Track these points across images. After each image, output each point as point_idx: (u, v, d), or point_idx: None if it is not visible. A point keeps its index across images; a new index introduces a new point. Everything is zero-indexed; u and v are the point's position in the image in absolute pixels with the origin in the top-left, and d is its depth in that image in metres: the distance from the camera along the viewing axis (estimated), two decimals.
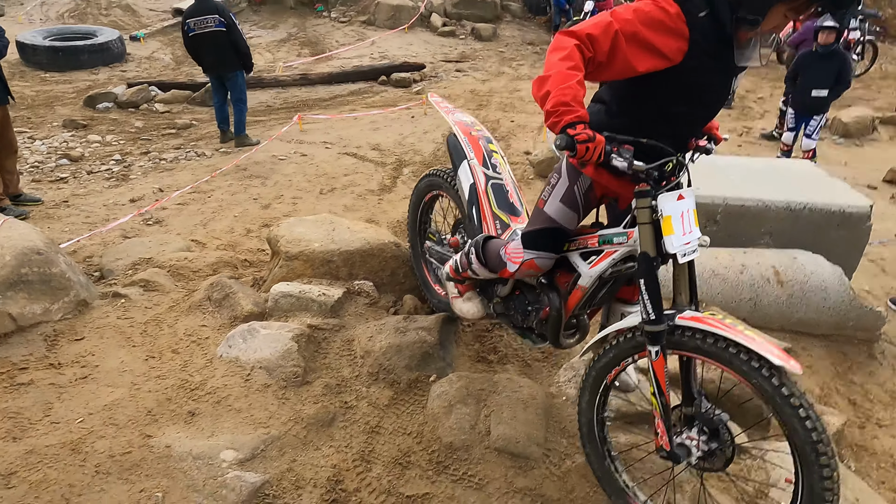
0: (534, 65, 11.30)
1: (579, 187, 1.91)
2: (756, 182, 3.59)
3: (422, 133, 7.42)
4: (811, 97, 5.80)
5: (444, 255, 2.73)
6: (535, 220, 2.00)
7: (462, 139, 2.54)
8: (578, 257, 1.94)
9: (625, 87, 1.76)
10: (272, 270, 3.23)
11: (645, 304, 1.69)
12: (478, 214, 2.40)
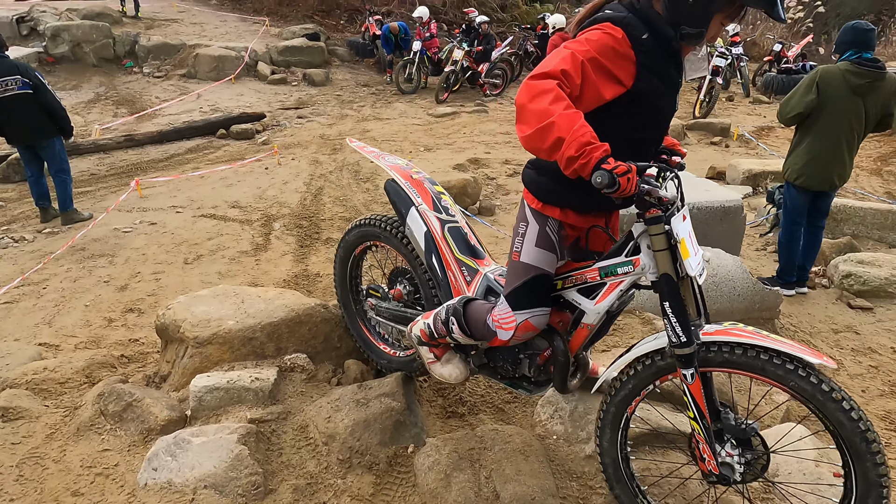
0: (374, 105, 11.34)
1: (550, 228, 1.81)
2: None
3: (281, 184, 6.97)
4: None
5: (396, 311, 2.48)
6: (514, 275, 1.84)
7: (403, 184, 2.34)
8: (577, 294, 1.83)
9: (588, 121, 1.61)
10: (176, 362, 2.70)
11: (674, 327, 1.62)
12: (440, 263, 2.20)
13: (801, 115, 3.94)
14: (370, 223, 2.48)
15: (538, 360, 1.96)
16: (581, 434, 2.27)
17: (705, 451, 1.69)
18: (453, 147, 8.57)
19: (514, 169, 7.59)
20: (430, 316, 2.14)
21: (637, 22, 1.58)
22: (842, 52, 3.93)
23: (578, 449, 2.23)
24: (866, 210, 5.08)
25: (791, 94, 4.06)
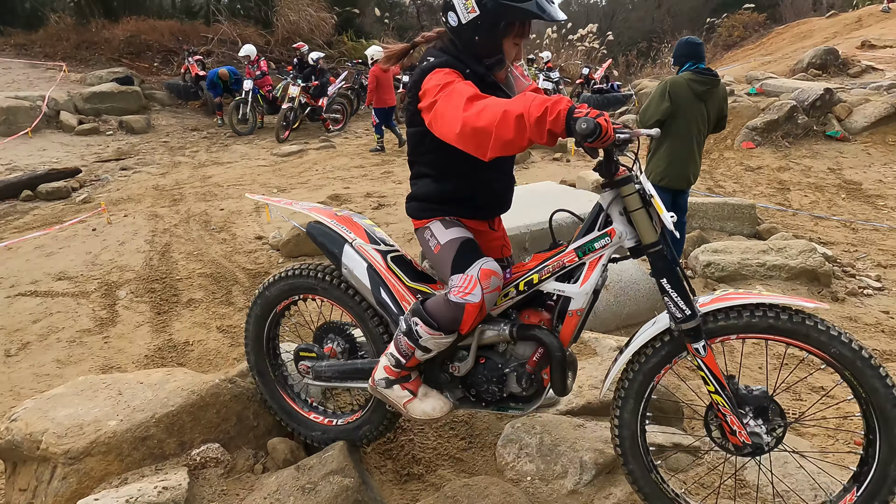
0: (209, 149, 10.48)
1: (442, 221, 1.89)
2: (535, 206, 3.86)
3: (117, 245, 6.04)
4: None
5: (344, 367, 2.13)
6: (445, 257, 1.83)
7: (330, 223, 2.06)
8: (557, 283, 1.76)
9: (451, 149, 1.66)
10: (39, 490, 2.06)
11: (675, 302, 1.60)
12: (391, 297, 1.94)
13: (660, 122, 4.28)
14: (301, 274, 2.12)
15: (527, 369, 1.83)
16: (556, 468, 2.11)
17: (734, 423, 1.65)
18: (308, 185, 8.16)
19: (378, 202, 7.40)
20: (388, 348, 1.90)
21: (455, 62, 1.72)
22: (681, 63, 4.38)
23: (558, 486, 2.06)
24: (707, 205, 5.69)
25: (647, 104, 4.42)
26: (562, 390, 1.82)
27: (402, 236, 6.21)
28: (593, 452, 2.10)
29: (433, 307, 1.80)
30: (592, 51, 24.58)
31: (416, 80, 1.74)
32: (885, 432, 1.56)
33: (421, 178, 1.94)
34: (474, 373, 1.89)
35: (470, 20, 1.68)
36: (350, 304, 2.05)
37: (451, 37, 1.78)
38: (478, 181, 1.88)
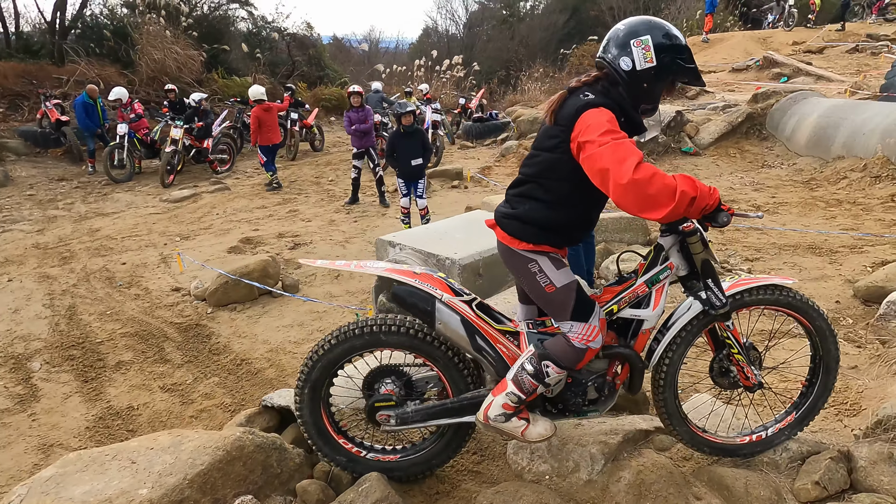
0: (86, 200, 9.69)
1: (551, 256, 2.10)
2: (479, 234, 4.18)
3: (10, 313, 5.48)
4: (411, 166, 7.03)
5: (433, 409, 2.29)
6: (562, 301, 2.06)
7: (415, 282, 2.20)
8: (631, 309, 2.15)
9: (585, 184, 1.94)
10: None
11: (717, 296, 2.10)
12: (487, 342, 2.19)
13: None
14: (365, 330, 2.23)
15: (606, 379, 2.21)
16: (569, 464, 2.40)
17: (749, 373, 2.27)
18: (213, 231, 7.88)
19: (293, 241, 7.36)
20: (505, 386, 2.12)
21: (616, 108, 1.94)
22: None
23: (575, 479, 2.35)
24: (607, 220, 6.37)
25: None
26: (637, 390, 2.25)
27: (328, 273, 6.25)
28: (599, 444, 2.42)
29: (559, 352, 2.08)
30: (460, 81, 25.89)
31: (573, 112, 1.91)
32: (823, 380, 2.30)
33: (530, 200, 2.07)
34: (563, 391, 2.21)
35: (645, 68, 1.92)
36: (437, 354, 2.25)
37: (616, 80, 1.97)
38: (584, 213, 2.12)
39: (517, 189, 2.16)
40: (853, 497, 2.08)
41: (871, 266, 5.53)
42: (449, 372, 2.28)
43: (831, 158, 8.84)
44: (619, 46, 1.97)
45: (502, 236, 2.15)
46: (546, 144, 2.04)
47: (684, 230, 2.06)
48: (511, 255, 2.13)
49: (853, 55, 16.08)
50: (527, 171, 2.14)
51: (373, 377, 2.33)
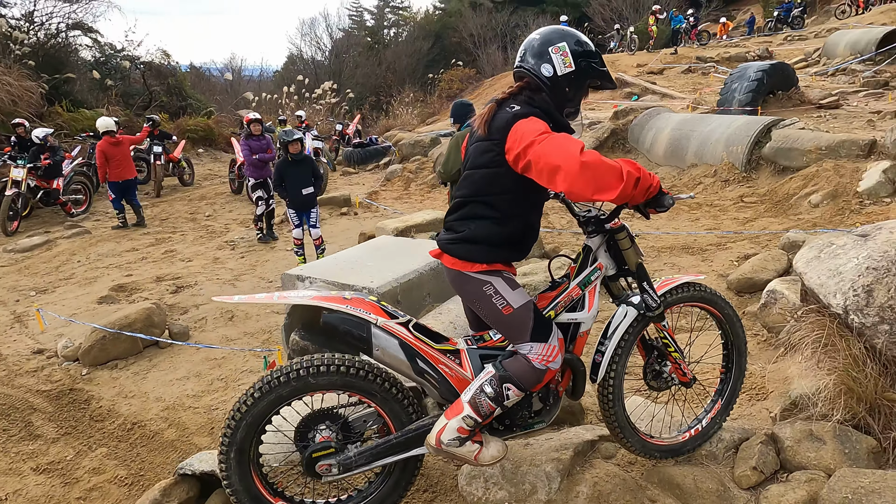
0: None
1: (505, 275, 2.07)
2: (390, 260, 4.08)
3: None
4: (302, 195, 6.75)
5: (378, 448, 2.12)
6: (521, 321, 2.02)
7: (344, 308, 2.04)
8: (568, 313, 2.14)
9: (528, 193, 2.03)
10: None
11: (653, 297, 2.17)
12: (428, 364, 2.06)
13: (459, 171, 4.92)
14: (297, 374, 2.00)
15: (550, 388, 2.18)
16: (525, 487, 2.35)
17: (685, 369, 2.42)
18: (77, 280, 7.01)
19: (175, 284, 6.73)
20: (460, 408, 2.02)
21: (544, 115, 1.98)
22: (461, 121, 5.18)
23: (534, 501, 2.30)
24: None
25: (446, 159, 5.05)
26: (580, 394, 2.23)
27: (221, 315, 5.79)
28: (552, 462, 2.39)
29: (521, 374, 2.01)
30: (334, 107, 25.64)
31: (503, 125, 1.93)
32: (737, 364, 2.51)
33: (478, 219, 2.04)
34: (515, 407, 2.14)
35: (566, 73, 2.00)
36: (374, 389, 2.07)
37: (538, 87, 2.02)
38: (530, 223, 2.11)
39: (458, 213, 2.12)
40: (790, 477, 2.24)
41: (737, 260, 6.14)
42: (388, 405, 2.13)
43: (686, 166, 9.80)
44: (538, 55, 2.03)
45: (452, 262, 2.08)
46: (482, 161, 2.04)
47: (612, 227, 2.16)
48: (464, 280, 2.06)
49: (688, 75, 18.14)
50: (465, 192, 2.11)
51: (305, 426, 2.12)
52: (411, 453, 2.15)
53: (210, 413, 4.10)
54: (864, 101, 11.63)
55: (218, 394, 4.37)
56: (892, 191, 7.05)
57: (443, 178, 5.18)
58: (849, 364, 2.33)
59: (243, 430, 2.01)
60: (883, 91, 12.13)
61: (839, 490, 1.98)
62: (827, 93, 12.32)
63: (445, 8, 51.72)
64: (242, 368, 4.69)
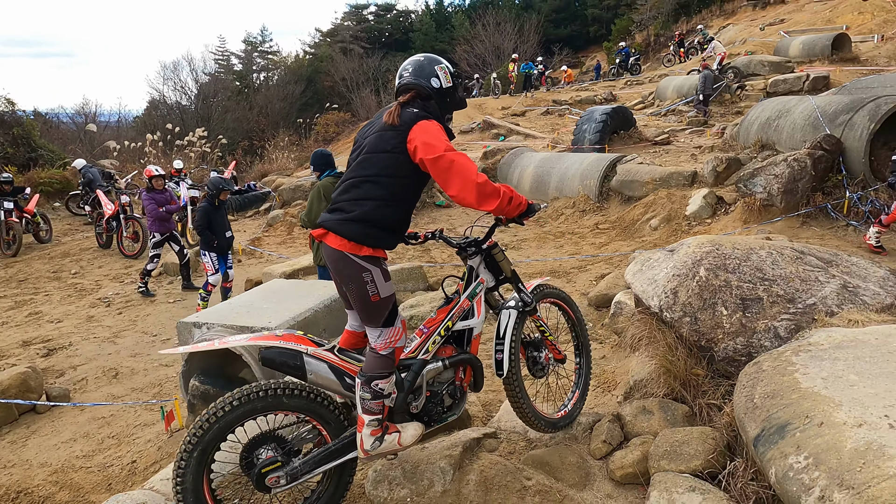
0: None
1: (383, 265, 2.40)
2: (287, 301, 4.33)
3: None
4: (226, 238, 7.04)
5: (319, 455, 2.43)
6: (379, 310, 2.36)
7: (277, 343, 2.37)
8: (462, 321, 2.64)
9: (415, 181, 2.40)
10: None
11: (527, 296, 2.76)
12: (351, 378, 2.45)
13: None
14: (256, 396, 2.25)
15: (456, 384, 2.63)
16: (424, 482, 2.72)
17: (559, 347, 3.00)
18: None
19: (45, 347, 6.37)
20: (362, 419, 2.38)
21: (437, 119, 2.44)
22: (322, 170, 5.74)
23: (433, 493, 2.67)
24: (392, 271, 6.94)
25: (309, 206, 5.58)
26: (480, 387, 2.71)
27: (103, 374, 5.62)
28: (445, 458, 2.80)
29: (377, 367, 2.35)
30: (206, 154, 24.86)
31: (409, 119, 2.33)
32: (586, 358, 3.09)
33: (371, 200, 2.30)
34: (425, 404, 2.55)
35: (448, 86, 2.53)
36: (315, 406, 2.40)
37: (427, 96, 2.46)
38: (409, 210, 2.44)
39: (351, 193, 2.36)
40: (629, 443, 2.82)
41: (595, 280, 7.04)
42: (325, 419, 2.46)
43: (550, 199, 10.90)
44: (427, 72, 2.50)
45: (339, 243, 2.28)
46: (383, 146, 2.35)
47: (489, 245, 2.74)
48: (346, 263, 2.29)
49: (547, 116, 19.97)
50: (361, 171, 2.36)
51: (249, 449, 2.35)
52: (348, 457, 2.48)
53: (105, 470, 4.04)
54: (689, 138, 13.61)
55: (111, 451, 4.30)
56: (712, 213, 8.43)
57: (305, 224, 5.65)
58: (665, 351, 3.00)
59: (213, 433, 2.20)
60: (703, 129, 14.26)
61: (661, 445, 2.58)
62: (660, 131, 14.27)
63: (316, 53, 52.33)
64: (136, 423, 4.63)
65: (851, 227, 6.92)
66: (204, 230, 6.91)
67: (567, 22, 48.08)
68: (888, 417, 1.94)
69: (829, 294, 2.88)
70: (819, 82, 14.81)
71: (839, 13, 25.05)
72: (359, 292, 2.31)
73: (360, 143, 2.47)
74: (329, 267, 2.38)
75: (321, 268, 5.80)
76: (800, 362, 2.36)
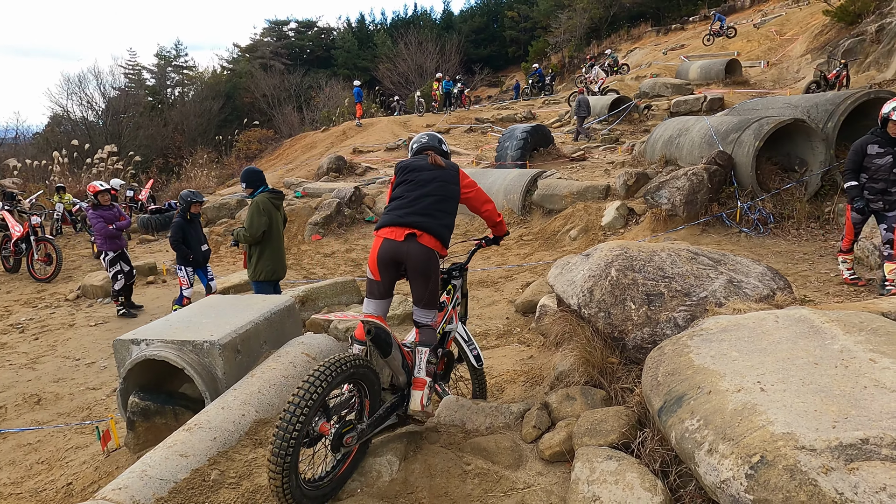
0: None
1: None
2: (228, 316, 4.41)
3: None
4: (202, 251, 7.09)
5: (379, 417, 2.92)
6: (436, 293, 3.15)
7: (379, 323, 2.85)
8: (447, 325, 3.30)
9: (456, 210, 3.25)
10: None
11: (467, 310, 3.35)
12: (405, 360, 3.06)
13: (265, 231, 5.69)
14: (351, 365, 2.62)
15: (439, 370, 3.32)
16: (373, 474, 2.93)
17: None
18: None
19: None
20: (423, 381, 2.98)
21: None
22: (255, 187, 5.92)
23: (381, 483, 2.89)
24: (323, 287, 7.06)
25: (249, 221, 5.72)
26: (448, 378, 3.39)
27: (24, 401, 5.40)
28: (391, 451, 3.02)
29: (433, 340, 3.07)
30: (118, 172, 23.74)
31: (454, 168, 3.26)
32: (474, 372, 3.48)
33: (447, 215, 3.10)
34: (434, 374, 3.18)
35: (448, 151, 3.51)
36: (371, 378, 2.81)
37: (446, 155, 3.41)
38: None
39: (426, 205, 3.05)
40: (556, 426, 3.15)
41: (521, 288, 7.48)
42: (373, 389, 2.85)
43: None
44: (438, 141, 3.49)
45: (432, 242, 2.99)
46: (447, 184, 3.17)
47: (466, 268, 3.37)
48: (431, 257, 2.98)
49: (470, 134, 20.62)
50: (435, 196, 3.09)
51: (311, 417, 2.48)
52: (391, 420, 3.02)
53: (38, 495, 3.94)
54: (602, 154, 14.56)
55: (41, 476, 4.19)
56: (625, 223, 9.13)
57: (246, 240, 5.77)
58: (584, 343, 3.37)
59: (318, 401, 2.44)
60: (615, 145, 15.28)
61: (583, 425, 2.92)
62: (577, 148, 15.16)
63: (235, 68, 51.13)
64: (66, 447, 4.53)
65: (743, 233, 7.76)
66: (179, 245, 6.88)
67: (487, 42, 49.69)
68: (760, 383, 2.36)
69: (718, 288, 3.36)
70: (715, 103, 16.27)
71: (731, 41, 27.54)
72: (433, 280, 3.00)
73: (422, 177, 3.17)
74: (413, 261, 2.95)
75: (257, 283, 5.86)
76: (693, 345, 2.78)
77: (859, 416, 2.06)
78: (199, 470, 3.02)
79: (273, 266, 5.84)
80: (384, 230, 3.02)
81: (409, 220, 2.95)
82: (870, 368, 2.32)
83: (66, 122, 40.77)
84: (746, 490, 1.95)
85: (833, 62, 16.46)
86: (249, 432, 3.41)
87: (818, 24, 22.64)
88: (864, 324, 2.64)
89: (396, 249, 2.95)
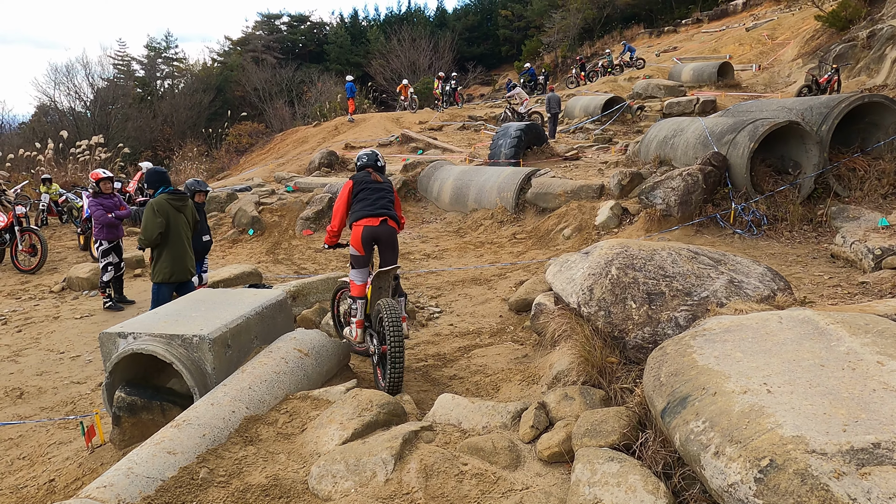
0: None
1: None
2: (218, 310, 4.31)
3: None
4: (203, 242, 6.82)
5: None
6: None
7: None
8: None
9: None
10: None
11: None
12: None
13: (161, 234, 5.60)
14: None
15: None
16: (367, 473, 2.86)
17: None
18: None
19: None
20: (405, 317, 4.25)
21: None
22: (156, 188, 5.87)
23: (376, 483, 2.82)
24: (314, 283, 6.95)
25: (145, 225, 5.62)
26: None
27: (5, 395, 5.26)
28: (387, 450, 2.95)
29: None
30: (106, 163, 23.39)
31: (389, 180, 4.61)
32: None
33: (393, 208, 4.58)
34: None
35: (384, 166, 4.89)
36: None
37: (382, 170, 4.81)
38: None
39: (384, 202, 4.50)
40: (554, 426, 3.10)
41: (515, 286, 7.42)
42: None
43: (469, 211, 11.29)
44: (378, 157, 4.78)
45: (395, 225, 4.52)
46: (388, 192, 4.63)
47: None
48: (394, 233, 4.51)
49: (463, 131, 20.54)
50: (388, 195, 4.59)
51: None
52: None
53: (18, 492, 3.82)
54: (596, 154, 14.54)
55: (23, 472, 4.06)
56: (619, 223, 9.10)
57: (142, 242, 5.70)
58: (583, 342, 3.32)
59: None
60: (608, 145, 15.27)
61: (583, 425, 2.87)
62: (570, 147, 15.13)
63: (226, 61, 50.65)
64: (49, 443, 4.40)
65: (737, 234, 7.76)
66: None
67: (480, 41, 49.59)
68: (766, 385, 2.32)
69: (719, 288, 3.32)
70: (707, 105, 16.31)
71: (723, 44, 27.67)
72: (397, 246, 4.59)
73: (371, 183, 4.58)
74: (385, 238, 4.45)
75: (156, 284, 5.74)
76: (696, 345, 2.74)
77: (869, 419, 2.02)
78: (188, 468, 2.93)
79: (172, 268, 5.67)
80: (363, 220, 4.41)
81: (380, 212, 4.42)
82: (878, 371, 2.28)
83: (53, 112, 40.17)
84: (755, 494, 1.90)
85: (825, 67, 16.57)
86: (239, 429, 3.33)
87: (810, 29, 22.80)
88: (869, 326, 2.60)
89: (374, 231, 4.41)
